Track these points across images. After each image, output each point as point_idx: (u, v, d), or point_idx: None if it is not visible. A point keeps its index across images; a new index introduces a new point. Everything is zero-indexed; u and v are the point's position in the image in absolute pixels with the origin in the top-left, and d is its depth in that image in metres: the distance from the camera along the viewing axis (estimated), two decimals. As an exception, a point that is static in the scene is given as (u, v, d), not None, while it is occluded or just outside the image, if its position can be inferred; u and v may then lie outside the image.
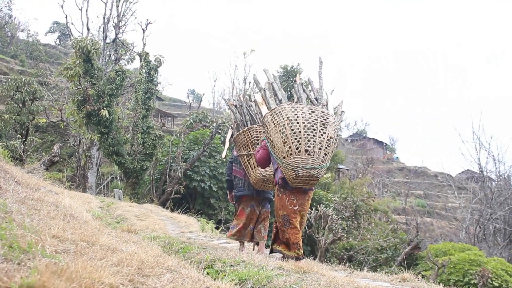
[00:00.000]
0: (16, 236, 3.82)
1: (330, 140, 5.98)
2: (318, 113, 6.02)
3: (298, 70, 39.27)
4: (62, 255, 3.87)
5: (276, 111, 6.20)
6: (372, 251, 23.91)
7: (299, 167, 5.80)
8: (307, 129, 5.85)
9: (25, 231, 4.15)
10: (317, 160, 5.83)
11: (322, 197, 25.28)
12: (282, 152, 5.96)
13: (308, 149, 5.82)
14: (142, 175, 26.08)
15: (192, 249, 6.45)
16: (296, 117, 5.96)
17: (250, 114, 7.97)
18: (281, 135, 5.97)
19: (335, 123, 6.12)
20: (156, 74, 27.22)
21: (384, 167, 76.25)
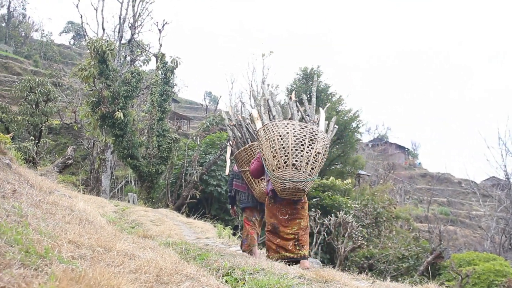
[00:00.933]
0: (32, 241, 3.84)
1: (318, 155, 6.43)
2: (307, 130, 6.50)
3: (318, 72, 39.28)
4: (79, 261, 3.88)
5: (268, 126, 6.72)
6: (393, 260, 23.77)
7: (286, 180, 6.29)
8: (296, 145, 6.33)
9: (41, 236, 4.17)
10: (303, 174, 6.31)
11: (341, 204, 25.14)
12: (271, 166, 6.48)
13: (295, 163, 6.29)
14: (157, 179, 26.10)
15: (210, 256, 6.45)
16: (286, 133, 6.43)
17: (249, 132, 8.52)
18: (271, 150, 6.47)
19: (324, 139, 6.58)
20: (172, 76, 27.22)
21: (406, 173, 75.89)
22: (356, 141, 39.99)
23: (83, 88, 33.59)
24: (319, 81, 39.11)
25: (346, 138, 36.52)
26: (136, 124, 31.75)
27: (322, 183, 26.52)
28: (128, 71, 27.08)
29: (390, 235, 26.47)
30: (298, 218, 6.89)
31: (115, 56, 27.67)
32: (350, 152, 38.42)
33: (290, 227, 6.82)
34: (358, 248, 22.70)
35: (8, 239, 3.63)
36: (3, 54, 57.34)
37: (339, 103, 38.56)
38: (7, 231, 3.79)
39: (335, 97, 39.42)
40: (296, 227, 6.84)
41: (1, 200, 5.24)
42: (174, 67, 26.96)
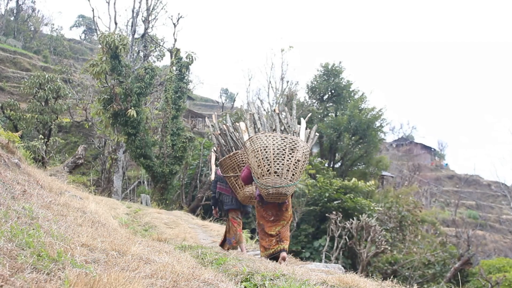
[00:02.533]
0: (44, 244, 3.86)
1: (298, 162, 7.40)
2: (287, 140, 7.46)
3: (340, 68, 39.16)
4: (93, 265, 3.90)
5: (253, 138, 7.68)
6: (418, 265, 23.65)
7: (269, 186, 7.27)
8: (277, 155, 7.32)
9: (53, 239, 4.19)
10: (285, 180, 7.27)
11: (364, 206, 25.05)
12: (257, 174, 7.49)
13: (277, 171, 7.26)
14: (171, 179, 26.14)
15: (227, 261, 6.44)
16: (268, 144, 7.41)
17: (233, 140, 9.50)
18: (256, 160, 7.48)
19: (303, 147, 7.56)
20: (187, 72, 27.21)
21: (432, 174, 75.42)
22: (380, 140, 39.77)
23: (94, 84, 33.71)
24: (340, 78, 39.04)
25: (369, 137, 36.32)
26: (150, 122, 31.84)
27: (343, 184, 26.45)
28: (142, 67, 27.14)
29: (415, 240, 26.32)
30: (282, 219, 7.88)
31: (128, 51, 27.80)
32: (373, 153, 38.24)
33: (274, 227, 7.82)
34: (382, 253, 22.63)
35: (19, 242, 3.66)
36: (12, 49, 57.72)
37: (362, 101, 38.41)
38: (18, 234, 3.81)
39: (358, 94, 39.32)
40: (279, 228, 7.83)
41: (11, 201, 5.28)
42: (189, 62, 26.95)
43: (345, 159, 37.32)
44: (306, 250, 23.90)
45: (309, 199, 25.37)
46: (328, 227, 22.64)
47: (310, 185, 26.14)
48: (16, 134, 14.18)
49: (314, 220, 25.71)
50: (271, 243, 7.81)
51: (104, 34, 25.52)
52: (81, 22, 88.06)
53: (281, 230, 7.86)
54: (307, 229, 24.99)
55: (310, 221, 25.65)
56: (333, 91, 39.12)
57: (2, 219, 4.13)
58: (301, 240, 24.79)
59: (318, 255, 22.97)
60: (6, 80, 48.79)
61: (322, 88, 38.86)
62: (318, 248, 23.61)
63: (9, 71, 51.33)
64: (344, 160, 37.53)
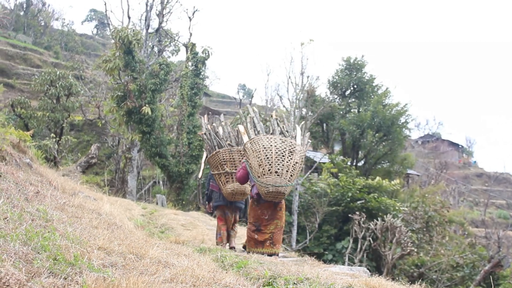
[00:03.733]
0: (60, 247, 3.89)
1: (296, 164, 8.17)
2: (287, 143, 8.25)
3: (363, 62, 38.97)
4: (111, 269, 3.92)
5: (254, 140, 8.42)
6: (446, 268, 23.48)
7: (270, 185, 7.96)
8: (278, 156, 8.04)
9: (69, 242, 4.23)
10: (284, 180, 7.99)
11: (389, 206, 24.89)
12: (257, 173, 8.16)
13: (277, 171, 7.97)
14: (187, 179, 26.17)
15: (248, 264, 6.45)
16: (269, 145, 8.16)
17: (218, 139, 10.32)
18: (257, 159, 8.17)
19: (300, 151, 8.36)
20: (203, 67, 27.25)
21: (460, 172, 74.98)
22: (405, 137, 39.44)
23: (107, 81, 33.85)
24: (363, 72, 38.87)
25: (394, 134, 36.03)
26: (165, 120, 31.97)
27: (367, 183, 26.31)
28: (156, 63, 27.22)
29: (442, 241, 26.15)
30: (276, 218, 8.62)
31: (141, 47, 27.86)
32: (398, 150, 37.95)
33: (269, 226, 8.56)
34: (408, 255, 22.50)
35: (35, 245, 3.69)
36: (22, 45, 58.14)
37: (386, 96, 38.18)
38: (33, 237, 3.84)
39: (381, 89, 39.08)
40: (273, 227, 8.58)
41: (25, 202, 5.32)
42: (205, 58, 26.97)
43: (369, 157, 37.10)
44: (329, 252, 23.84)
45: (331, 199, 25.30)
46: (351, 228, 22.55)
47: (332, 184, 26.08)
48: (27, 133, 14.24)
49: (336, 221, 25.62)
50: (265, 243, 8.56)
51: (117, 28, 25.61)
52: (93, 16, 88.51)
53: (275, 231, 8.62)
54: (329, 231, 24.91)
55: (332, 222, 25.58)
56: (355, 86, 38.91)
57: (16, 222, 4.17)
58: (323, 242, 24.73)
59: (341, 257, 22.91)
60: (16, 77, 49.17)
61: (344, 83, 38.65)
62: (341, 250, 23.54)
63: (19, 67, 51.72)
64: (367, 158, 37.31)
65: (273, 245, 8.58)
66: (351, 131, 35.60)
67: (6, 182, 5.75)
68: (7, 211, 4.36)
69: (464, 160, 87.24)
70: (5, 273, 2.98)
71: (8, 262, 3.15)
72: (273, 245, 8.57)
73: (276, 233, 8.64)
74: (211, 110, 60.02)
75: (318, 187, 26.31)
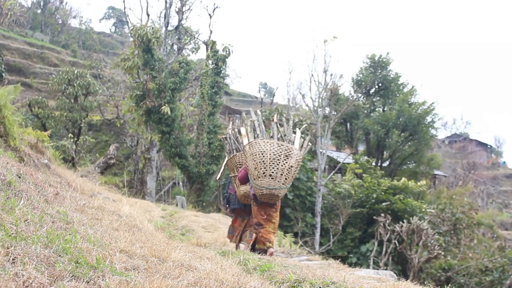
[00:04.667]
0: (81, 250, 3.91)
1: (291, 168, 8.58)
2: (283, 147, 8.63)
3: (388, 60, 38.82)
4: (133, 272, 3.94)
5: (252, 143, 8.86)
6: (474, 272, 23.30)
7: (264, 187, 8.46)
8: (273, 159, 8.49)
9: (90, 245, 4.26)
10: (278, 183, 8.47)
11: (415, 208, 24.72)
12: (253, 175, 8.67)
13: (272, 174, 8.44)
14: (207, 180, 26.20)
15: (272, 267, 6.44)
16: (266, 149, 8.58)
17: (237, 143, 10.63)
18: (253, 162, 8.68)
19: (297, 155, 8.73)
20: (224, 66, 27.22)
21: (489, 173, 74.41)
22: (431, 137, 39.19)
23: (126, 80, 34.04)
24: (388, 70, 38.73)
25: (420, 134, 35.83)
26: (185, 119, 32.05)
27: (392, 185, 26.18)
28: (175, 61, 27.28)
29: (471, 244, 25.99)
30: (273, 218, 9.15)
31: (161, 45, 27.95)
32: (425, 150, 37.71)
33: (267, 225, 9.07)
34: (434, 259, 22.39)
35: (56, 248, 3.71)
36: (39, 43, 58.54)
37: (412, 95, 37.98)
38: (54, 239, 3.87)
39: (407, 87, 38.91)
40: (271, 226, 9.11)
41: (45, 204, 5.35)
42: (226, 56, 26.97)
43: (394, 157, 36.95)
44: (353, 255, 23.76)
45: (355, 201, 25.23)
46: (376, 231, 22.46)
47: (356, 185, 26.01)
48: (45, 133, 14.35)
49: (361, 223, 25.53)
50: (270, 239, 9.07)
51: (136, 26, 25.67)
52: (111, 14, 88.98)
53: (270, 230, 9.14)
54: (354, 233, 24.83)
55: (356, 224, 25.48)
56: (380, 84, 38.79)
57: (37, 224, 4.20)
58: (347, 245, 24.65)
59: (365, 260, 22.82)
60: (34, 76, 49.53)
61: (369, 81, 38.51)
62: (365, 253, 23.45)
63: (37, 66, 52.08)
64: (392, 159, 37.17)
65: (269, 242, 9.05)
66: (376, 130, 35.49)
67: (25, 183, 5.79)
68: (28, 213, 4.39)
69: (492, 161, 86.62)
70: (27, 277, 3.01)
71: (30, 265, 3.18)
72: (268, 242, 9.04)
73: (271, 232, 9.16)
74: (231, 110, 60.20)
75: (342, 188, 26.26)
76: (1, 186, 4.79)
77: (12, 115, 9.33)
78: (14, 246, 3.37)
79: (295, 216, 24.66)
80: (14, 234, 3.62)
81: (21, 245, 3.45)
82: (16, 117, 10.35)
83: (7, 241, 3.39)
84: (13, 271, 3.01)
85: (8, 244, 3.35)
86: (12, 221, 3.87)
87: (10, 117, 9.09)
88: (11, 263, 3.14)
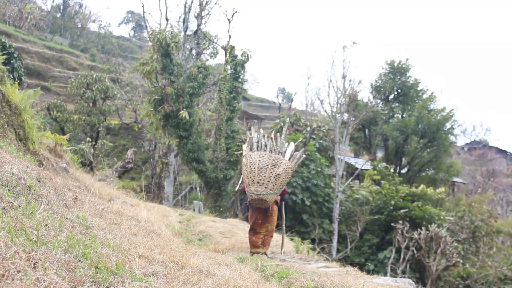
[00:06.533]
0: (101, 255, 3.94)
1: (278, 176, 9.46)
2: (272, 158, 9.63)
3: (407, 66, 38.74)
4: (152, 278, 3.96)
5: (246, 155, 9.92)
6: (493, 281, 23.17)
7: (253, 193, 9.40)
8: (261, 168, 9.47)
9: (109, 250, 4.28)
10: (266, 189, 9.37)
11: (433, 215, 24.60)
12: (246, 183, 9.69)
13: (259, 181, 9.38)
14: (225, 185, 26.19)
15: (290, 274, 6.44)
16: (255, 160, 9.62)
17: None
18: (245, 172, 9.67)
19: (286, 164, 9.67)
20: (242, 71, 27.16)
21: (509, 181, 73.83)
22: (451, 144, 38.96)
23: (144, 84, 34.21)
24: (407, 76, 38.64)
25: (439, 140, 35.67)
26: (202, 124, 32.12)
27: (411, 191, 26.07)
28: (194, 66, 27.31)
29: (490, 252, 25.84)
30: (267, 223, 10.15)
31: (179, 49, 28.04)
32: (444, 157, 37.53)
33: (261, 229, 10.13)
34: (453, 267, 22.29)
35: (76, 253, 3.73)
36: (58, 47, 58.91)
37: (431, 101, 37.85)
38: (74, 244, 3.89)
39: (426, 94, 38.78)
40: (265, 230, 10.14)
41: (64, 209, 5.38)
42: (244, 61, 26.94)
43: (413, 164, 36.84)
44: (370, 262, 23.67)
45: (373, 207, 25.16)
46: (394, 238, 22.39)
47: (374, 192, 25.93)
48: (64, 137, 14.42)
49: (378, 230, 25.45)
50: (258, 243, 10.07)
51: (155, 31, 25.76)
52: (130, 18, 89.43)
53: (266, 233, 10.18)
54: (371, 240, 24.75)
55: (374, 231, 25.40)
56: (399, 91, 38.72)
57: (57, 229, 4.22)
58: (364, 252, 24.58)
59: (383, 267, 22.73)
60: (53, 80, 49.87)
61: (388, 87, 38.46)
62: (383, 260, 23.36)
63: (56, 70, 52.44)
64: (411, 165, 37.06)
65: (264, 246, 10.10)
66: (395, 137, 35.40)
67: (45, 188, 5.82)
68: (48, 217, 4.42)
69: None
70: (49, 282, 3.03)
71: (51, 270, 3.20)
72: (263, 245, 10.09)
73: (267, 236, 10.22)
74: (249, 115, 60.26)
75: (359, 195, 26.21)
76: (21, 190, 4.82)
77: (31, 119, 9.41)
78: (35, 251, 3.39)
79: (313, 222, 24.64)
80: (35, 239, 3.65)
81: (42, 250, 3.47)
82: (35, 120, 10.43)
83: (28, 246, 3.41)
84: (34, 276, 3.03)
85: (29, 249, 3.38)
86: (33, 225, 3.90)
87: (29, 121, 9.16)
88: (32, 268, 3.16)
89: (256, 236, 10.23)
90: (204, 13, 33.17)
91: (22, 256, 3.22)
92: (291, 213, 25.16)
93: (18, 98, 8.89)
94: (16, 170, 5.26)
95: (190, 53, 33.36)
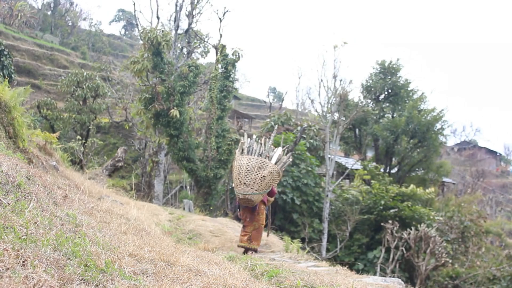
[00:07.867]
0: (90, 254, 3.93)
1: (263, 177, 10.16)
2: (258, 161, 10.34)
3: (398, 66, 38.81)
4: (142, 276, 3.96)
5: (237, 158, 10.66)
6: (482, 281, 23.25)
7: (240, 193, 10.17)
8: (247, 170, 10.19)
9: (99, 248, 4.27)
10: (251, 190, 10.09)
11: (423, 215, 24.67)
12: (234, 184, 10.44)
13: (246, 182, 10.10)
14: (215, 184, 26.15)
15: (279, 273, 6.45)
16: (243, 163, 10.33)
17: None
18: (234, 174, 10.49)
19: (271, 167, 10.36)
20: (233, 70, 27.09)
21: (498, 181, 74.22)
22: (441, 144, 39.00)
23: (135, 83, 34.08)
24: (398, 76, 38.71)
25: (429, 141, 35.73)
26: (193, 123, 32.01)
27: (401, 191, 26.13)
28: (185, 64, 27.23)
29: (478, 253, 25.94)
30: (255, 221, 10.85)
31: (170, 48, 27.93)
32: (434, 157, 37.61)
33: (248, 226, 10.84)
34: (442, 267, 22.37)
35: (66, 251, 3.73)
36: (49, 45, 58.79)
37: (421, 101, 37.93)
38: (64, 242, 3.89)
39: (417, 94, 38.86)
40: (251, 228, 10.81)
41: (54, 207, 5.38)
42: (235, 60, 26.89)
43: (403, 164, 36.89)
44: (360, 262, 23.72)
45: (363, 207, 25.19)
46: (383, 238, 22.44)
47: (364, 191, 25.98)
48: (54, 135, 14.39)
49: (368, 229, 25.48)
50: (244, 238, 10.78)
51: (146, 29, 25.67)
52: (121, 16, 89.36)
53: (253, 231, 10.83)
54: (361, 239, 24.79)
55: (364, 230, 25.44)
56: (389, 91, 38.80)
57: (47, 226, 4.22)
58: (354, 251, 24.62)
59: (372, 267, 22.79)
60: (43, 77, 49.77)
61: (378, 87, 38.54)
62: (372, 259, 23.41)
63: (46, 68, 52.30)
64: (401, 165, 37.10)
65: (250, 241, 10.77)
66: (385, 136, 35.48)
67: (34, 185, 5.81)
68: (37, 215, 4.41)
69: (502, 169, 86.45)
70: (38, 280, 3.03)
71: (40, 268, 3.20)
72: (250, 241, 10.76)
73: (254, 232, 10.86)
74: (240, 114, 60.26)
75: (349, 194, 26.24)
76: (11, 188, 4.81)
77: (21, 117, 9.38)
78: (24, 248, 3.39)
79: (303, 221, 24.66)
80: (24, 237, 3.64)
81: (31, 247, 3.47)
82: (25, 118, 10.39)
83: (17, 244, 3.41)
84: (23, 274, 3.03)
85: (18, 246, 3.37)
86: (22, 223, 3.89)
87: (19, 119, 9.13)
88: (21, 266, 3.16)
89: (243, 232, 10.94)
90: (196, 11, 33.08)
91: (11, 254, 3.21)
92: (281, 213, 25.19)
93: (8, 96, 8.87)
94: (6, 168, 5.25)
95: (181, 51, 33.30)
